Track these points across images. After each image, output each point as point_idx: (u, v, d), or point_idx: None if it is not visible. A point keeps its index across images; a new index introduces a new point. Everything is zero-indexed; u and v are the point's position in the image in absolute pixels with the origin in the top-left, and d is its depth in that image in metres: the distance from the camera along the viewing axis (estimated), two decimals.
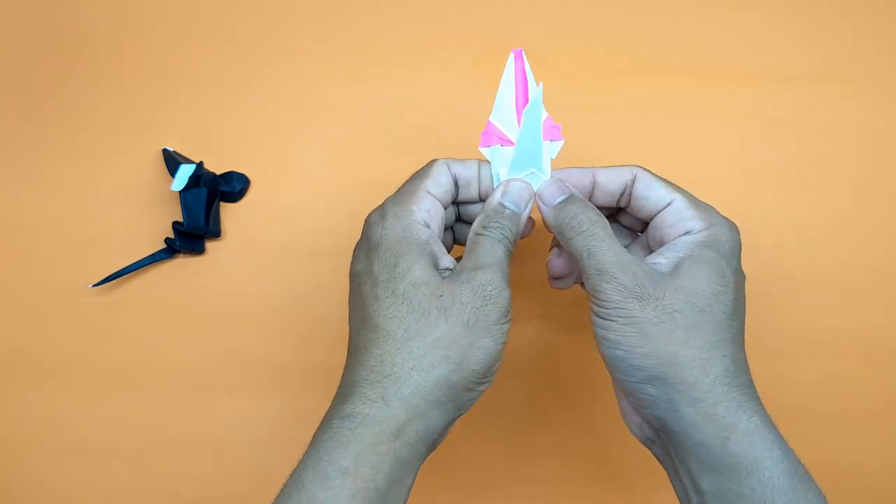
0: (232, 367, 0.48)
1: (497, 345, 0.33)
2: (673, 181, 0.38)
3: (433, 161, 0.38)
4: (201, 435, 0.48)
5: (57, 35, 0.51)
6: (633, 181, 0.37)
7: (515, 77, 0.38)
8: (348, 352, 0.34)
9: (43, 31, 0.51)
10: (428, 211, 0.35)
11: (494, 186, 0.38)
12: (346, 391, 0.32)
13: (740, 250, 0.36)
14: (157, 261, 0.48)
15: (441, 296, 0.32)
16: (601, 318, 0.33)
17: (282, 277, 0.49)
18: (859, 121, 0.50)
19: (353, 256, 0.36)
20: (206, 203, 0.47)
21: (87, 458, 0.47)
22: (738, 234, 0.36)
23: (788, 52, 0.51)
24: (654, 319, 0.32)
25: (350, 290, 0.36)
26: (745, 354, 0.34)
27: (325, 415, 0.32)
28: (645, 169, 0.37)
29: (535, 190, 0.37)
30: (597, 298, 0.33)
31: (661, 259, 0.35)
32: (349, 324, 0.35)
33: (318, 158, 0.50)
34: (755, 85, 0.51)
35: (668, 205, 0.36)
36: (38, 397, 0.48)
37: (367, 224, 0.36)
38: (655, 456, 0.36)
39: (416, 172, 0.37)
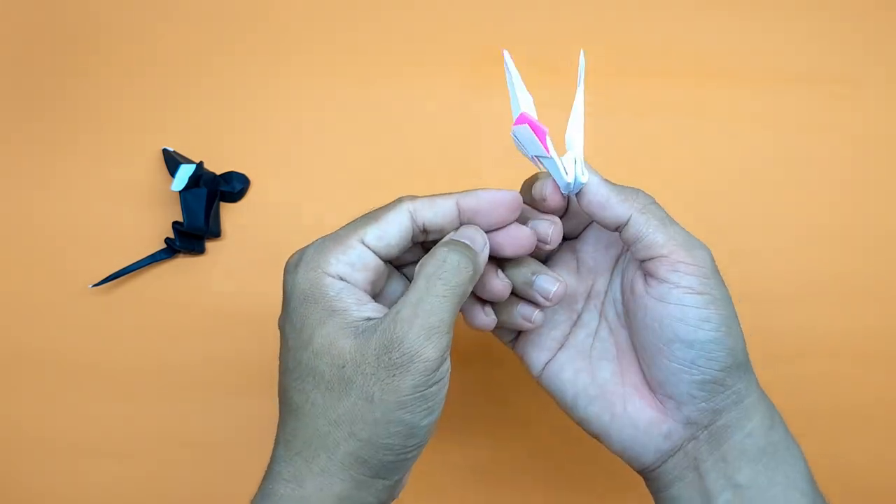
0: (232, 366, 0.48)
1: (416, 416, 0.28)
2: (673, 181, 0.37)
3: (397, 202, 0.32)
4: (201, 435, 0.48)
5: (57, 35, 0.51)
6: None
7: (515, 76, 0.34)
8: (278, 421, 0.32)
9: (43, 31, 0.51)
10: (351, 265, 0.30)
11: (566, 183, 0.32)
12: (269, 465, 0.31)
13: None
14: (157, 261, 0.48)
15: (343, 366, 0.28)
16: (700, 293, 0.30)
17: (282, 277, 0.49)
18: (859, 121, 0.50)
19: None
20: (206, 203, 0.47)
21: (86, 458, 0.47)
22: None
23: (788, 52, 0.51)
24: (720, 296, 0.31)
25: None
26: None
27: (259, 486, 0.31)
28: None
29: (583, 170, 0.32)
30: (692, 270, 0.30)
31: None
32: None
33: (318, 158, 0.50)
34: (755, 85, 0.51)
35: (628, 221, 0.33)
36: (38, 397, 0.48)
37: (284, 271, 0.32)
38: (656, 478, 0.33)
39: (371, 212, 0.32)
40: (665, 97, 0.50)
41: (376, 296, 0.32)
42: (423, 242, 0.34)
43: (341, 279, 0.30)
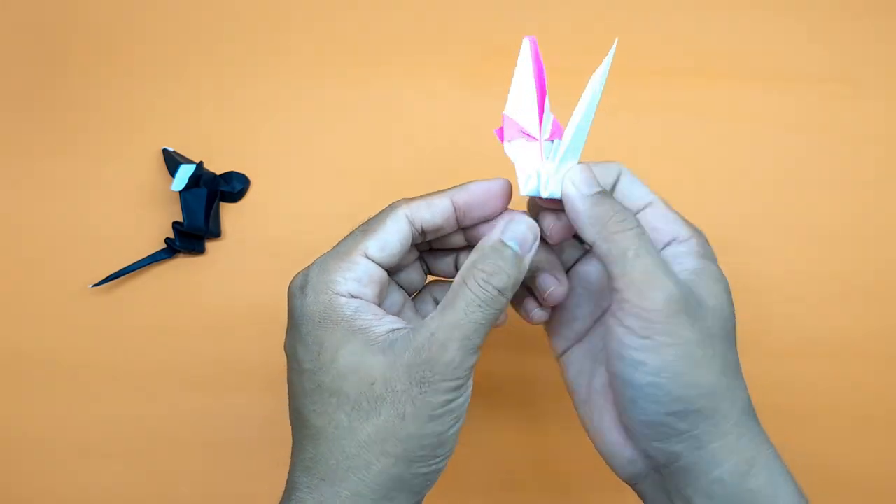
0: (232, 366, 0.48)
1: (446, 426, 0.28)
2: (673, 181, 0.37)
3: (391, 208, 0.31)
4: (201, 435, 0.47)
5: (57, 35, 0.51)
6: (619, 178, 0.33)
7: (534, 67, 0.33)
8: (292, 445, 0.31)
9: (43, 31, 0.51)
10: (359, 280, 0.30)
11: (524, 189, 0.31)
12: (287, 492, 0.29)
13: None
14: (157, 261, 0.48)
15: (373, 384, 0.28)
16: (641, 336, 0.28)
17: (282, 277, 0.48)
18: (860, 121, 0.50)
19: (286, 330, 0.32)
20: (206, 203, 0.47)
21: (86, 458, 0.47)
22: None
23: (788, 52, 0.51)
24: (699, 342, 0.28)
25: (287, 368, 0.32)
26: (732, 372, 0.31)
27: None
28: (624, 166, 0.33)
29: (566, 175, 0.30)
30: (637, 311, 0.28)
31: (678, 270, 0.31)
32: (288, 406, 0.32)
33: (318, 158, 0.50)
34: (755, 85, 0.51)
35: (648, 206, 0.32)
36: (38, 397, 0.48)
37: (289, 295, 0.31)
38: (640, 493, 0.33)
39: (365, 222, 0.31)
40: (665, 97, 0.50)
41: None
42: (419, 245, 0.34)
43: (353, 297, 0.29)
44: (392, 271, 0.33)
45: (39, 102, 0.50)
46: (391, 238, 0.30)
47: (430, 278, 0.36)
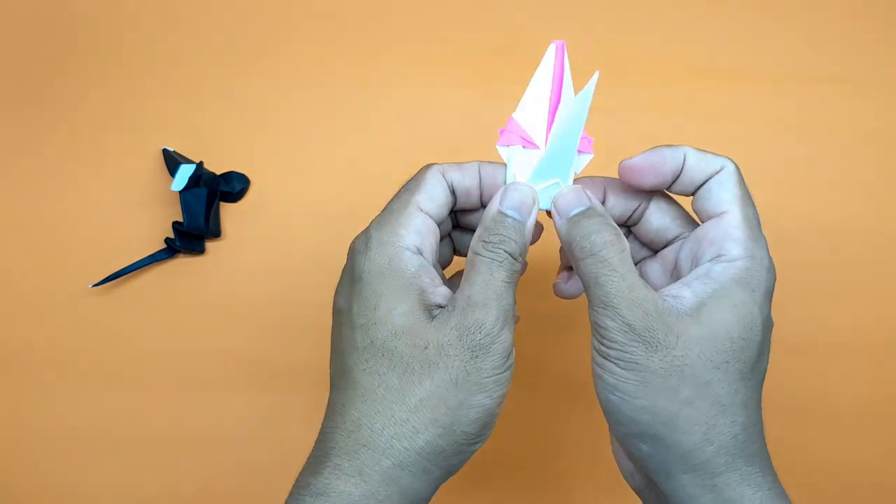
0: (232, 366, 0.48)
1: (493, 400, 0.28)
2: None
3: (426, 168, 0.32)
4: (201, 434, 0.47)
5: (57, 35, 0.51)
6: (711, 177, 0.31)
7: (554, 73, 0.32)
8: (327, 405, 0.30)
9: (43, 31, 0.51)
10: (419, 232, 0.30)
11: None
12: (319, 457, 0.28)
13: (772, 296, 0.30)
14: (157, 261, 0.48)
15: (426, 347, 0.28)
16: (600, 355, 0.28)
17: (282, 277, 0.49)
18: (859, 121, 0.50)
19: (338, 286, 0.32)
20: (206, 203, 0.47)
21: (87, 458, 0.47)
22: (775, 277, 0.30)
23: (788, 52, 0.51)
24: (660, 371, 0.27)
25: (332, 327, 0.31)
26: (760, 416, 0.29)
27: (296, 482, 0.29)
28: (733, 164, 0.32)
29: (555, 196, 0.32)
30: (597, 333, 0.28)
31: (686, 291, 0.29)
32: (330, 367, 0.31)
33: (318, 158, 0.50)
34: (755, 85, 0.51)
35: (723, 214, 0.30)
36: (39, 396, 0.48)
37: (352, 252, 0.31)
38: None
39: (406, 184, 0.32)
40: (665, 97, 0.50)
41: None
42: (454, 211, 0.34)
43: (418, 252, 0.30)
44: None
45: (39, 102, 0.50)
46: (436, 190, 0.31)
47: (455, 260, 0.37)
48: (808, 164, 0.50)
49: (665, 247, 0.33)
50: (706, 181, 0.31)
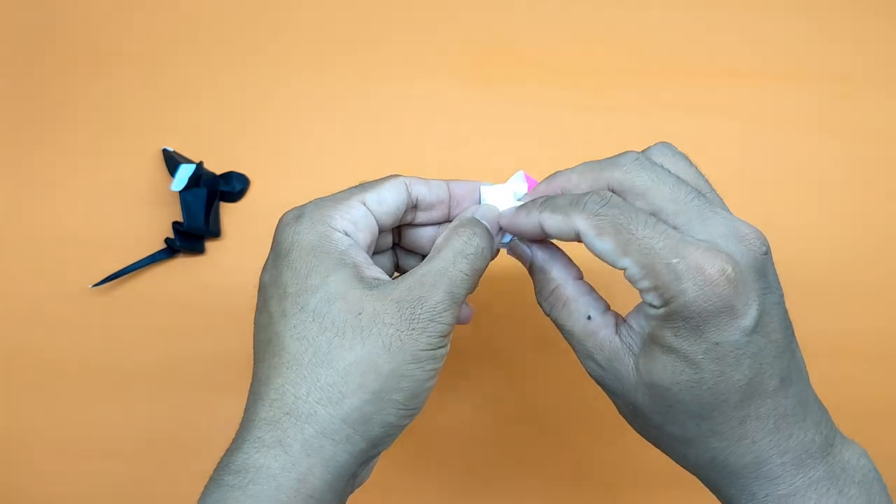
0: (232, 366, 0.48)
1: (426, 372, 0.28)
2: None
3: (387, 177, 0.32)
4: (201, 435, 0.47)
5: (56, 35, 0.51)
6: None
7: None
8: (250, 386, 0.30)
9: (42, 31, 0.51)
10: (354, 222, 0.30)
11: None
12: (241, 434, 0.28)
13: (727, 311, 0.25)
14: (157, 261, 0.48)
15: (360, 313, 0.27)
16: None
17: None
18: (860, 120, 0.50)
19: (265, 264, 0.31)
20: (206, 203, 0.47)
21: (86, 458, 0.47)
22: (722, 290, 0.25)
23: (789, 51, 0.51)
24: (628, 411, 0.30)
25: (256, 307, 0.31)
26: (748, 430, 0.27)
27: (218, 464, 0.28)
28: (594, 221, 0.27)
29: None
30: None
31: (634, 325, 0.29)
32: (253, 349, 0.30)
33: (318, 158, 0.50)
34: (755, 85, 0.51)
35: (623, 270, 0.27)
36: (38, 397, 0.48)
37: (280, 225, 0.30)
38: None
39: (365, 182, 0.32)
40: (665, 96, 0.50)
41: None
42: (400, 227, 0.34)
43: (347, 235, 0.30)
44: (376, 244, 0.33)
45: (39, 102, 0.50)
46: (389, 196, 0.31)
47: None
48: (808, 163, 0.50)
49: None
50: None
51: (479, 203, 0.33)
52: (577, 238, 0.28)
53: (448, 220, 0.34)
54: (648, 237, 0.26)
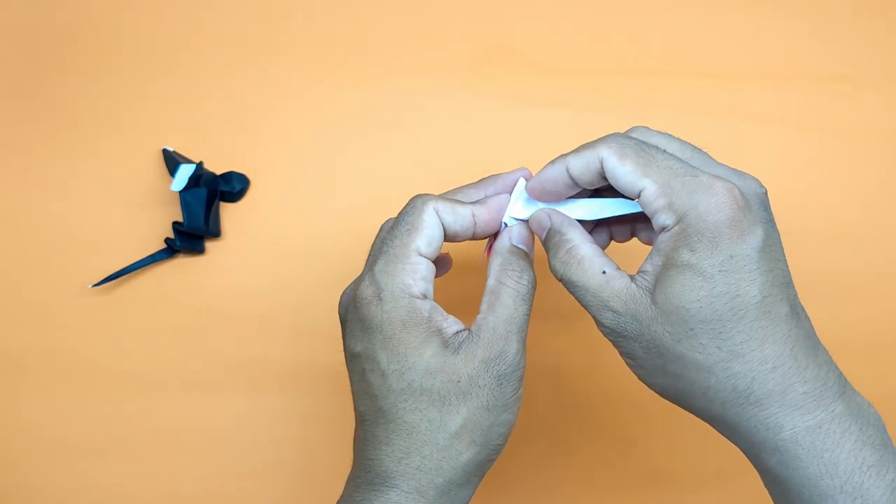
0: (232, 366, 0.48)
1: (514, 414, 0.33)
2: None
3: (422, 205, 0.33)
4: (201, 435, 0.47)
5: (56, 35, 0.51)
6: (602, 168, 0.31)
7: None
8: (363, 437, 0.33)
9: (42, 30, 0.51)
10: (425, 279, 0.32)
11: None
12: (374, 480, 0.32)
13: (737, 224, 0.28)
14: (157, 261, 0.48)
15: (459, 381, 0.31)
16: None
17: (282, 277, 0.49)
18: (859, 120, 0.50)
19: (347, 331, 0.34)
20: (206, 203, 0.47)
21: (87, 458, 0.47)
22: (731, 204, 0.28)
23: (788, 51, 0.51)
24: (645, 357, 0.30)
25: (352, 373, 0.34)
26: (779, 350, 0.29)
27: (351, 501, 0.32)
28: (616, 147, 0.30)
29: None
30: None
31: (648, 265, 0.30)
32: (357, 408, 0.34)
33: (319, 158, 0.50)
34: (755, 85, 0.51)
35: (639, 195, 0.30)
36: (38, 397, 0.48)
37: (361, 301, 0.32)
38: None
39: (402, 220, 0.33)
40: (664, 96, 0.50)
41: None
42: None
43: (425, 297, 0.32)
44: None
45: (39, 102, 0.50)
46: (434, 233, 0.33)
47: None
48: (807, 163, 0.50)
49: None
50: (604, 174, 0.31)
51: (515, 192, 0.35)
52: (601, 173, 0.31)
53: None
54: (666, 160, 0.30)
